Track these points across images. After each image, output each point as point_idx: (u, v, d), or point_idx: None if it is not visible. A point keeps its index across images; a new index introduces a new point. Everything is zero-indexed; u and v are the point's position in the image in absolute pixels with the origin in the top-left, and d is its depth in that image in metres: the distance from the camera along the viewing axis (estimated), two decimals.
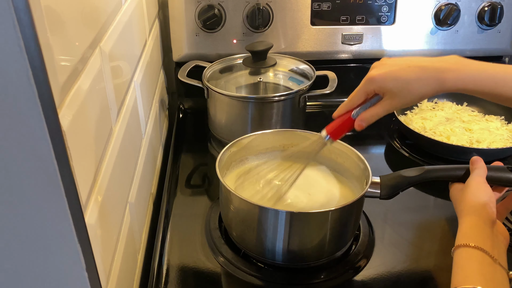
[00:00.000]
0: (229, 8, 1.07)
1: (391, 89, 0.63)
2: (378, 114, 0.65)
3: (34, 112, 0.34)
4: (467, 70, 0.61)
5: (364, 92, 0.66)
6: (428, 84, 0.61)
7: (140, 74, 0.81)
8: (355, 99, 0.67)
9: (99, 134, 0.52)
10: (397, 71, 0.63)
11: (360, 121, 0.66)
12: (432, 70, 0.62)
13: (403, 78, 0.62)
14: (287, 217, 0.65)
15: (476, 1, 1.13)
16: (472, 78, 0.61)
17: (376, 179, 0.72)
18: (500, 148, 0.95)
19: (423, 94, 0.62)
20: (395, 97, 0.63)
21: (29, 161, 0.36)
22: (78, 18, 0.47)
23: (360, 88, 0.66)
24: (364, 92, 0.66)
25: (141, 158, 0.79)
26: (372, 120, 0.66)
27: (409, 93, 0.62)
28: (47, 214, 0.38)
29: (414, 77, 0.62)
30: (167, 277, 0.68)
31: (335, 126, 0.68)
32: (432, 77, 0.61)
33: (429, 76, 0.61)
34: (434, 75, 0.61)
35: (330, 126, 0.68)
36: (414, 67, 0.63)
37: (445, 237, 0.79)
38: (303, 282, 0.68)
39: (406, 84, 0.62)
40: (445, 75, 0.61)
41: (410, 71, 0.62)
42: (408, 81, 0.62)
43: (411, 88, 0.62)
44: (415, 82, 0.62)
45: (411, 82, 0.62)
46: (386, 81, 0.63)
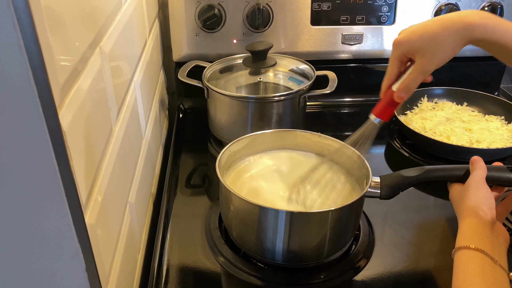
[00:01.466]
0: (229, 8, 1.07)
1: (419, 47, 0.60)
2: (414, 79, 0.62)
3: (34, 112, 0.34)
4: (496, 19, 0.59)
5: (395, 59, 0.63)
6: (456, 32, 0.59)
7: (140, 74, 0.81)
8: (390, 70, 0.64)
9: (99, 134, 0.52)
10: (421, 28, 0.61)
11: (399, 92, 0.64)
12: (458, 20, 0.59)
13: (429, 32, 0.60)
14: (287, 217, 0.65)
15: (476, 1, 1.13)
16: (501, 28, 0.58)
17: (376, 179, 0.72)
18: (500, 148, 0.95)
19: (454, 44, 0.59)
20: (425, 54, 0.60)
21: (29, 161, 0.36)
22: (78, 18, 0.47)
23: (391, 56, 0.64)
24: (395, 59, 0.63)
25: (141, 158, 0.79)
26: (410, 87, 0.63)
27: (438, 46, 0.60)
28: (47, 214, 0.38)
29: (440, 29, 0.59)
30: (167, 277, 0.68)
31: (380, 106, 0.66)
32: (459, 23, 0.59)
33: (456, 25, 0.59)
34: (462, 24, 0.58)
35: (376, 108, 0.67)
36: (439, 20, 0.60)
37: (445, 237, 0.79)
38: (303, 282, 0.68)
39: (433, 37, 0.59)
40: (473, 18, 0.58)
41: (435, 25, 0.60)
42: (434, 34, 0.59)
43: (439, 40, 0.59)
44: (442, 33, 0.59)
45: (438, 34, 0.59)
46: (412, 40, 0.61)
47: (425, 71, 0.62)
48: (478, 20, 0.58)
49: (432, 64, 0.61)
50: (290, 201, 0.72)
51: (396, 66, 0.64)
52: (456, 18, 0.59)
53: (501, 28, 0.58)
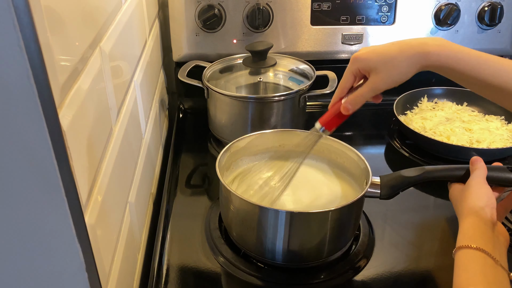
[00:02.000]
0: (229, 8, 1.07)
1: (375, 66, 0.62)
2: (363, 94, 0.64)
3: (34, 112, 0.34)
4: (452, 47, 0.61)
5: (350, 73, 0.65)
6: (412, 57, 0.61)
7: (140, 74, 0.81)
8: (343, 83, 0.66)
9: (99, 134, 0.52)
10: (380, 47, 0.63)
11: (345, 104, 0.65)
12: (415, 45, 0.61)
13: (386, 53, 0.62)
14: (287, 217, 0.65)
15: (476, 1, 1.13)
16: (455, 56, 0.60)
17: (376, 179, 0.72)
18: (500, 148, 0.95)
19: (408, 68, 0.61)
20: (380, 73, 0.62)
21: (29, 161, 0.36)
22: (78, 18, 0.47)
23: (346, 70, 0.65)
24: (350, 73, 0.65)
25: (141, 158, 0.79)
26: (358, 101, 0.64)
27: (393, 67, 0.61)
28: (47, 214, 0.38)
29: (397, 51, 0.61)
30: (167, 277, 0.68)
31: (328, 116, 0.67)
32: (415, 51, 0.61)
33: (412, 50, 0.61)
34: (418, 49, 0.61)
35: (323, 117, 0.68)
36: (398, 43, 0.63)
37: (445, 237, 0.79)
38: (303, 282, 0.68)
39: (390, 58, 0.61)
40: (429, 49, 0.60)
41: (393, 47, 0.62)
42: (392, 56, 0.61)
43: (395, 62, 0.61)
44: (398, 55, 0.61)
45: (395, 56, 0.61)
46: (369, 58, 0.63)
47: (376, 89, 0.63)
48: (433, 48, 0.60)
49: (384, 84, 0.63)
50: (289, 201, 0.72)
51: (350, 80, 0.65)
52: (414, 44, 0.61)
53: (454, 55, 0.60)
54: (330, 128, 0.67)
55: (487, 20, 1.13)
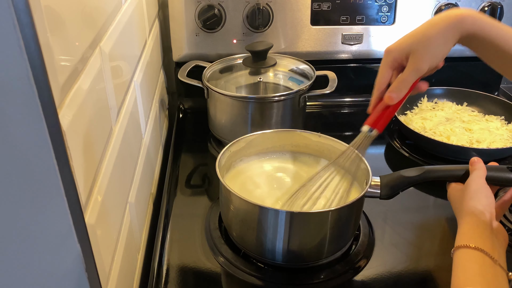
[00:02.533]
0: (229, 8, 1.07)
1: (410, 47, 0.60)
2: (406, 78, 0.61)
3: (34, 112, 0.34)
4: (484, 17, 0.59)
5: (386, 66, 0.63)
6: (446, 26, 0.59)
7: (140, 74, 0.81)
8: (380, 79, 0.63)
9: (99, 134, 0.52)
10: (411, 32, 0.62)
11: (389, 93, 0.62)
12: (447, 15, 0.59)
13: (418, 32, 0.60)
14: (287, 217, 0.65)
15: (476, 1, 1.13)
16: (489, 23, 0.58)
17: (376, 179, 0.72)
18: (500, 148, 0.95)
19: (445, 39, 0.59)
20: (417, 52, 0.60)
21: (29, 161, 0.36)
22: (78, 18, 0.47)
23: (381, 65, 0.63)
24: (385, 66, 0.63)
25: (141, 158, 0.79)
26: (402, 87, 0.61)
27: (430, 43, 0.59)
28: (47, 214, 0.38)
29: (429, 26, 0.60)
30: (167, 277, 0.68)
31: (373, 116, 0.64)
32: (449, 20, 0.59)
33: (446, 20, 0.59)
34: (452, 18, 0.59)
35: (368, 119, 0.65)
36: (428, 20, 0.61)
37: (445, 237, 0.79)
38: (303, 282, 0.68)
39: (423, 35, 0.60)
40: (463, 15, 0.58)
41: (424, 25, 0.61)
42: (424, 32, 0.60)
43: (430, 36, 0.59)
44: (431, 29, 0.59)
45: (428, 31, 0.59)
46: (402, 43, 0.61)
47: (418, 69, 0.60)
48: (467, 13, 0.59)
49: (425, 62, 0.60)
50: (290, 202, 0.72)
51: (387, 74, 0.62)
52: (445, 14, 0.60)
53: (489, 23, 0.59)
54: (380, 127, 0.64)
55: None
